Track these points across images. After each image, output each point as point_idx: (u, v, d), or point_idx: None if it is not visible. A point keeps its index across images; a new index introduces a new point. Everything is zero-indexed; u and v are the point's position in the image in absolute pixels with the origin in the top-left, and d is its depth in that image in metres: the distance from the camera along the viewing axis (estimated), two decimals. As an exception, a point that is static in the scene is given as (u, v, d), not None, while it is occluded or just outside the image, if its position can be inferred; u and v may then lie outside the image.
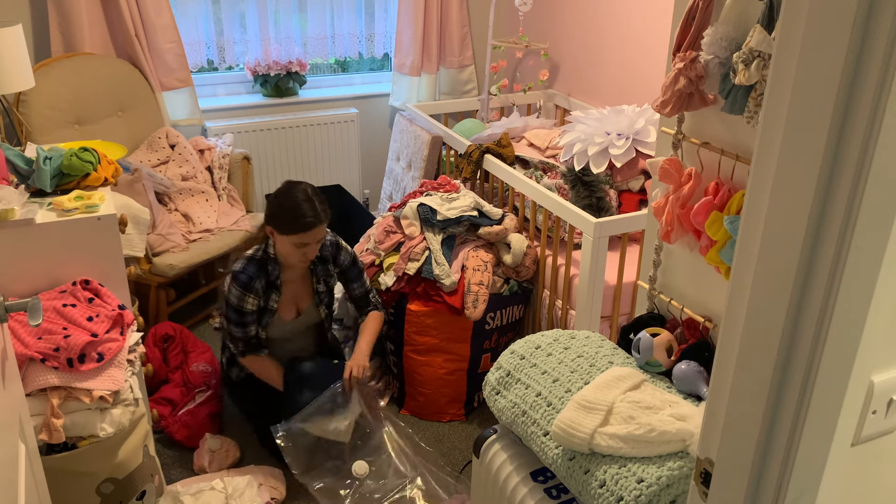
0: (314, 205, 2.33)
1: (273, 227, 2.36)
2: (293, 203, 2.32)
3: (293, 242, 2.33)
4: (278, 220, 2.34)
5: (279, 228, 2.34)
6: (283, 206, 2.34)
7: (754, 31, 1.34)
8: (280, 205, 2.34)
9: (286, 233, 2.32)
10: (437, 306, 2.69)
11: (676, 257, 1.77)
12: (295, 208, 2.31)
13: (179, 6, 3.56)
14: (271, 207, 2.37)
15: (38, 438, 1.70)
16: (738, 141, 1.54)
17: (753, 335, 0.90)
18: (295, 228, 2.31)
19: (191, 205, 3.23)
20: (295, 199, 2.32)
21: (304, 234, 2.32)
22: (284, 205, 2.33)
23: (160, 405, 2.68)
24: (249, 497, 2.26)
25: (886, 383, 0.90)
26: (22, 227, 1.93)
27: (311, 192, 2.36)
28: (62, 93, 3.10)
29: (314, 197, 2.35)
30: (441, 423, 2.82)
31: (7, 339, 1.35)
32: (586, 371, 1.69)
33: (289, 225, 2.31)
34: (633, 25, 3.40)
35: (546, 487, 1.67)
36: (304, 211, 2.31)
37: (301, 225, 2.30)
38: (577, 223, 2.55)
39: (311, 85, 4.06)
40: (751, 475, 0.93)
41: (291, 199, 2.33)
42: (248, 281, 2.38)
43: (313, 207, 2.32)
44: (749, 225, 0.89)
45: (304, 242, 2.34)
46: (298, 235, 2.32)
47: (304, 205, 2.31)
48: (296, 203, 2.31)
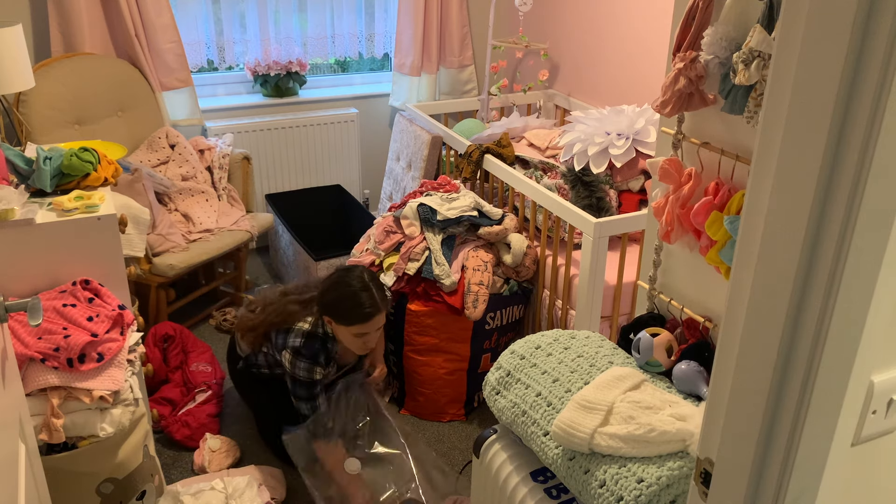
0: (372, 294, 2.29)
1: (331, 317, 2.31)
2: (351, 294, 2.27)
3: (353, 333, 2.30)
4: (336, 312, 2.30)
5: (338, 320, 2.30)
6: (339, 297, 2.29)
7: (754, 31, 1.34)
8: (337, 296, 2.30)
9: (345, 324, 2.29)
10: (437, 306, 2.69)
11: (676, 257, 1.77)
12: (353, 300, 2.27)
13: (179, 6, 3.56)
14: (328, 298, 2.32)
15: (38, 438, 1.70)
16: (738, 141, 1.54)
17: (753, 335, 0.90)
18: (355, 320, 2.28)
19: (191, 205, 3.23)
20: (352, 290, 2.28)
21: (365, 325, 2.29)
22: (341, 296, 2.29)
23: (160, 405, 2.68)
24: (249, 497, 2.26)
25: (886, 383, 0.90)
26: (22, 227, 1.93)
27: (367, 280, 2.31)
28: (62, 93, 3.10)
29: (371, 284, 2.31)
30: (441, 423, 2.82)
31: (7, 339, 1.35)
32: (586, 371, 1.69)
33: (347, 317, 2.28)
34: (633, 25, 3.40)
35: (546, 487, 1.67)
36: (363, 302, 2.27)
37: (361, 316, 2.27)
38: (577, 223, 2.55)
39: (311, 85, 4.06)
40: (751, 475, 0.93)
41: (349, 290, 2.28)
42: (314, 356, 2.33)
43: (371, 297, 2.28)
44: (749, 225, 0.89)
45: (364, 332, 2.31)
46: (358, 327, 2.29)
47: (361, 295, 2.27)
48: (354, 294, 2.27)
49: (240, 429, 2.71)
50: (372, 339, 2.36)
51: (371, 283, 2.31)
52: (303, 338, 2.34)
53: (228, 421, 2.76)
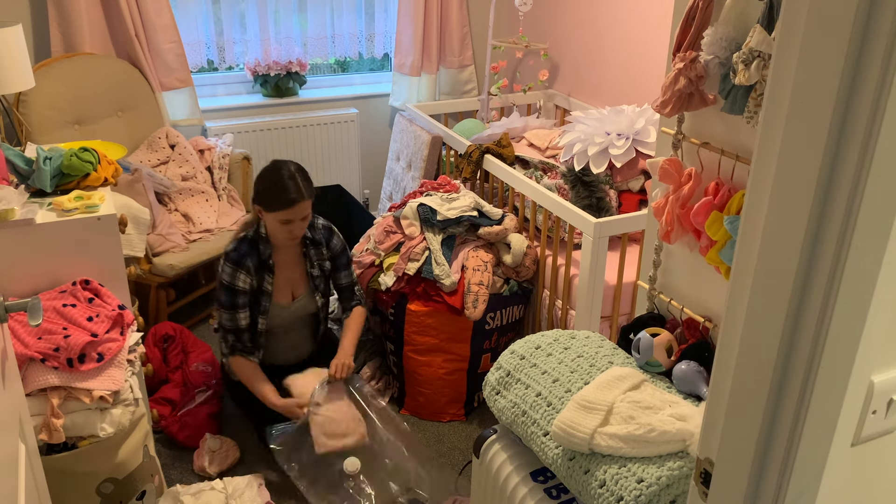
0: (297, 182, 2.37)
1: (260, 204, 2.40)
2: (278, 180, 2.37)
3: (279, 219, 2.38)
4: (264, 198, 2.38)
5: (265, 206, 2.38)
6: (268, 184, 2.38)
7: (754, 31, 1.34)
8: (266, 183, 2.40)
9: (272, 210, 2.37)
10: (437, 306, 2.69)
11: (676, 257, 1.77)
12: (280, 185, 2.35)
13: (179, 6, 3.56)
14: (257, 185, 2.42)
15: (38, 438, 1.70)
16: (738, 141, 1.54)
17: (753, 335, 0.90)
18: (280, 205, 2.35)
19: (191, 205, 3.23)
20: (280, 177, 2.37)
21: (289, 211, 2.36)
22: (270, 183, 2.38)
23: (160, 405, 2.68)
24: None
25: (886, 383, 0.90)
26: (22, 227, 1.93)
27: (294, 170, 2.40)
28: (62, 93, 3.10)
29: (297, 174, 2.39)
30: (441, 423, 2.82)
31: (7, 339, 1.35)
32: (586, 371, 1.69)
33: (274, 202, 2.36)
34: (633, 25, 3.40)
35: (546, 487, 1.67)
36: (288, 187, 2.35)
37: (286, 201, 2.35)
38: (577, 223, 2.55)
39: (311, 85, 4.06)
40: (751, 475, 0.93)
41: (276, 177, 2.38)
42: (239, 258, 2.42)
43: (297, 184, 2.37)
44: (749, 225, 0.89)
45: (289, 219, 2.38)
46: (284, 212, 2.36)
47: (288, 182, 2.36)
48: (281, 180, 2.36)
49: (240, 429, 2.71)
50: (298, 227, 2.42)
51: (298, 174, 2.39)
52: (235, 242, 2.46)
53: (228, 421, 2.76)
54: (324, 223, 2.63)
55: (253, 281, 2.46)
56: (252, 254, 2.45)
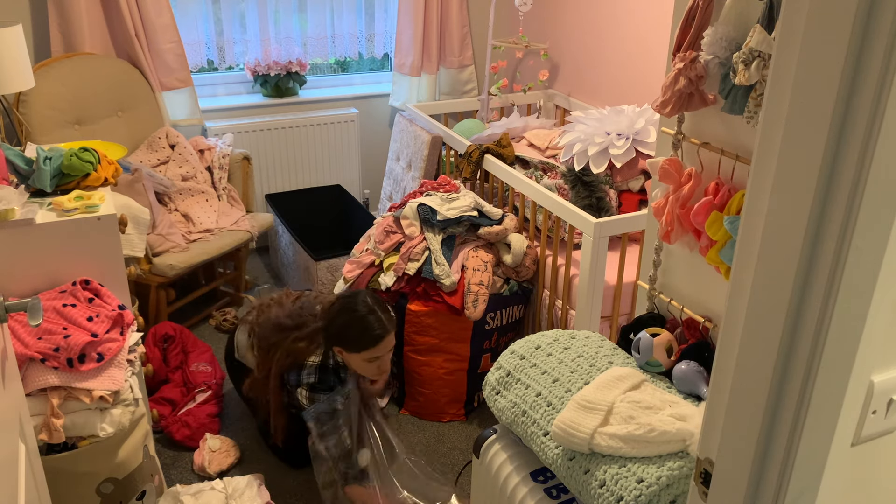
0: (379, 316, 2.26)
1: (341, 347, 2.28)
2: (358, 320, 2.25)
3: (365, 359, 2.27)
4: (346, 340, 2.27)
5: (348, 348, 2.27)
6: (346, 325, 2.26)
7: (754, 31, 1.34)
8: (343, 323, 2.27)
9: (356, 351, 2.26)
10: (437, 306, 2.69)
11: (676, 257, 1.77)
12: (361, 325, 2.24)
13: (179, 6, 3.56)
14: (335, 327, 2.28)
15: (38, 438, 1.70)
16: (738, 141, 1.54)
17: (753, 335, 0.90)
18: (365, 345, 2.24)
19: (191, 205, 3.23)
20: (358, 315, 2.25)
21: (376, 349, 2.26)
22: (347, 323, 2.26)
23: (160, 405, 2.68)
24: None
25: (886, 383, 0.90)
26: (22, 227, 1.93)
27: (372, 303, 2.28)
28: (62, 93, 3.10)
29: (376, 307, 2.28)
30: (441, 423, 2.82)
31: (7, 339, 1.35)
32: (586, 371, 1.69)
33: (357, 343, 2.25)
34: (633, 25, 3.40)
35: (546, 487, 1.67)
36: (371, 326, 2.24)
37: (371, 340, 2.24)
38: (577, 223, 2.55)
39: (311, 85, 4.06)
40: (751, 475, 0.93)
41: (355, 316, 2.26)
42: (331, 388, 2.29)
43: (379, 319, 2.25)
44: (749, 225, 0.89)
45: (376, 356, 2.28)
46: (369, 351, 2.25)
47: (369, 318, 2.24)
48: (361, 319, 2.24)
49: (240, 429, 2.71)
50: (385, 362, 2.32)
51: (376, 306, 2.28)
52: (316, 373, 2.30)
53: (228, 421, 2.76)
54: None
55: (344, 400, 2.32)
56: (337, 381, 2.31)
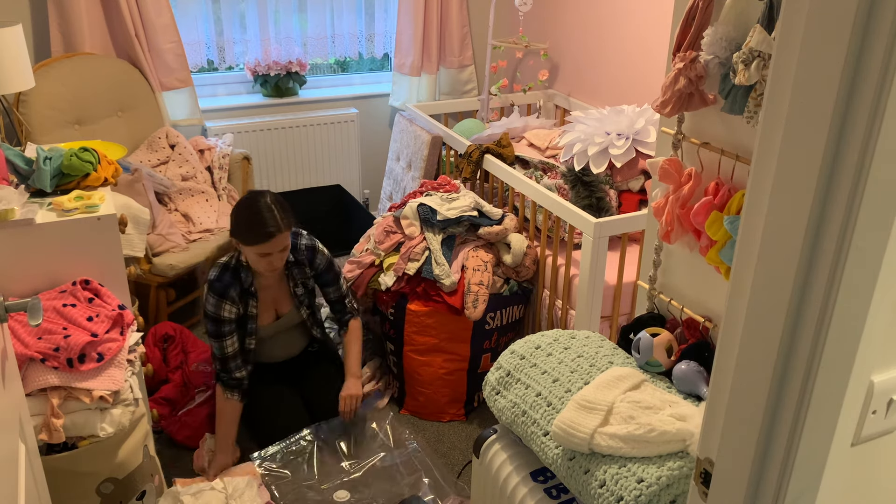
0: (274, 214, 2.31)
1: (237, 237, 2.35)
2: (254, 214, 2.31)
3: (257, 253, 2.33)
4: (240, 232, 2.33)
5: (242, 240, 2.33)
6: (244, 218, 2.33)
7: (754, 31, 1.34)
8: (242, 216, 2.34)
9: (249, 244, 2.32)
10: (437, 306, 2.69)
11: (676, 257, 1.77)
12: (256, 219, 2.30)
13: (179, 6, 3.56)
14: (233, 218, 2.36)
15: (38, 438, 1.70)
16: (738, 141, 1.54)
17: (753, 335, 0.90)
18: (256, 239, 2.30)
19: (191, 205, 3.23)
20: (256, 210, 2.31)
21: (266, 245, 2.31)
22: (246, 216, 2.33)
23: (160, 405, 2.68)
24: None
25: (886, 383, 0.90)
26: (22, 227, 1.93)
27: (271, 201, 2.34)
28: (62, 93, 3.10)
29: (275, 206, 2.33)
30: (441, 423, 2.82)
31: (7, 339, 1.35)
32: (586, 371, 1.69)
33: (250, 236, 2.30)
34: (634, 25, 3.40)
35: (546, 487, 1.67)
36: (265, 220, 2.29)
37: (262, 235, 2.29)
38: (577, 223, 2.55)
39: (311, 85, 4.06)
40: (751, 475, 0.93)
41: (252, 210, 2.32)
42: (223, 289, 2.37)
43: (274, 217, 2.31)
44: (749, 225, 0.89)
45: (267, 252, 2.33)
46: (260, 246, 2.31)
47: (265, 214, 2.30)
48: (257, 213, 2.30)
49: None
50: (277, 259, 2.37)
51: (273, 205, 2.33)
52: (218, 270, 2.40)
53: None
54: (306, 243, 2.56)
55: (238, 309, 2.42)
56: (234, 283, 2.39)
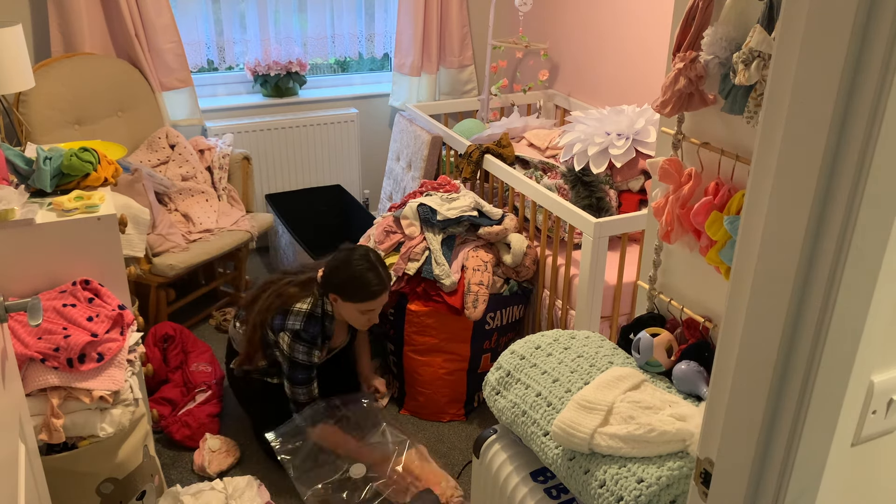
0: (379, 272, 2.38)
1: (338, 295, 2.38)
2: (358, 273, 2.36)
3: (360, 310, 2.39)
4: (343, 290, 2.37)
5: (344, 297, 2.37)
6: (347, 277, 2.36)
7: (754, 31, 1.34)
8: (344, 275, 2.37)
9: (353, 301, 2.37)
10: (437, 306, 2.69)
11: (676, 257, 1.77)
12: (361, 279, 2.35)
13: (179, 6, 3.56)
14: (334, 277, 2.38)
15: (38, 438, 1.70)
16: (738, 141, 1.54)
17: (753, 335, 0.90)
18: (363, 298, 2.36)
19: (191, 205, 3.23)
20: (359, 269, 2.36)
21: (372, 303, 2.38)
22: (349, 275, 2.36)
23: (160, 405, 2.68)
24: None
25: (886, 383, 0.90)
26: (22, 227, 1.93)
27: (373, 259, 2.39)
28: (62, 93, 3.10)
29: (377, 264, 2.39)
30: (441, 423, 2.82)
31: (7, 339, 1.35)
32: (586, 371, 1.69)
33: (356, 295, 2.36)
34: (634, 25, 3.40)
35: (546, 487, 1.67)
36: (370, 281, 2.35)
37: (369, 294, 2.36)
38: (577, 223, 2.55)
39: (311, 85, 4.06)
40: (751, 475, 0.93)
41: (356, 270, 2.36)
42: (312, 339, 2.39)
43: (378, 276, 2.37)
44: (749, 225, 0.89)
45: (370, 309, 2.40)
46: (366, 304, 2.37)
47: (369, 274, 2.36)
48: (361, 273, 2.36)
49: (240, 429, 2.71)
50: (376, 315, 2.45)
51: (378, 263, 2.40)
52: (303, 319, 2.38)
53: (228, 421, 2.76)
54: None
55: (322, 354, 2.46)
56: (321, 332, 2.42)
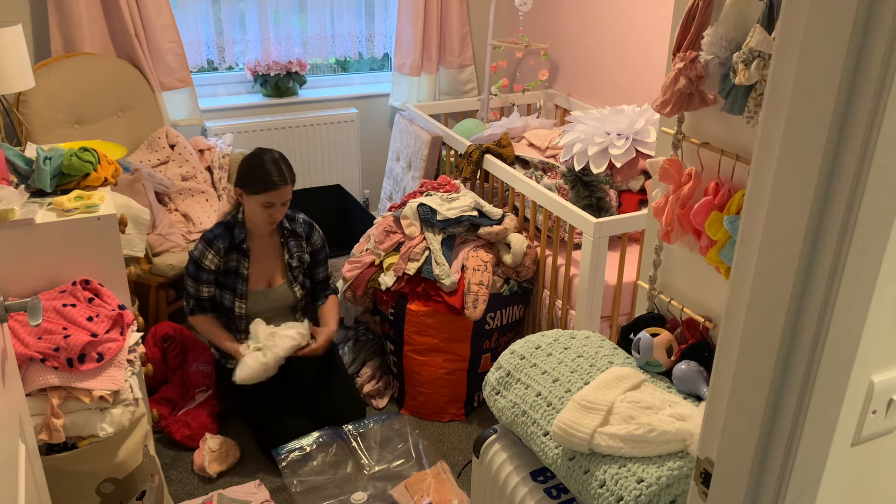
0: (280, 167, 2.46)
1: (241, 187, 2.48)
2: (261, 165, 2.45)
3: (260, 202, 2.45)
4: (246, 181, 2.46)
5: (247, 188, 2.46)
6: (251, 168, 2.47)
7: (754, 31, 1.34)
8: (249, 167, 2.48)
9: (253, 192, 2.44)
10: (437, 306, 2.69)
11: (676, 257, 1.77)
12: (262, 169, 2.44)
13: (179, 6, 3.56)
14: (241, 169, 2.50)
15: (38, 438, 1.70)
16: (738, 141, 1.54)
17: (753, 335, 0.90)
18: (262, 188, 2.43)
19: (191, 205, 3.23)
20: (263, 162, 2.46)
21: (271, 194, 2.43)
22: (253, 166, 2.46)
23: (160, 405, 2.68)
24: None
25: (886, 383, 0.90)
26: (22, 227, 1.93)
27: (277, 157, 2.49)
28: (62, 93, 3.10)
29: (281, 161, 2.48)
30: (441, 423, 2.82)
31: (7, 339, 1.35)
32: (586, 371, 1.69)
33: (256, 185, 2.43)
34: (634, 25, 3.40)
35: (546, 487, 1.67)
36: (270, 171, 2.43)
37: (268, 184, 2.42)
38: (577, 223, 2.55)
39: (311, 85, 4.06)
40: (751, 475, 0.93)
41: (260, 162, 2.46)
42: (211, 238, 2.52)
43: (280, 169, 2.45)
44: (749, 225, 0.89)
45: (270, 202, 2.45)
46: (265, 195, 2.43)
47: (271, 166, 2.45)
48: (263, 165, 2.45)
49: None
50: (278, 211, 2.50)
51: (280, 160, 2.49)
52: (215, 225, 2.56)
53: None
54: (305, 218, 2.71)
55: (220, 262, 2.53)
56: (225, 236, 2.53)
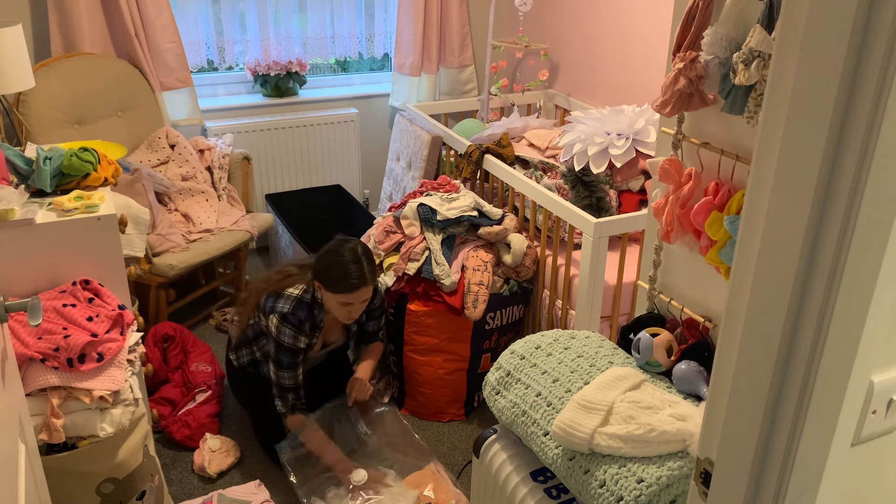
0: (362, 267, 2.35)
1: (320, 282, 2.38)
2: (341, 263, 2.34)
3: (338, 301, 2.36)
4: (326, 278, 2.35)
5: (325, 285, 2.36)
6: (330, 266, 2.35)
7: (754, 31, 1.34)
8: (328, 263, 2.36)
9: (332, 291, 2.35)
10: (437, 306, 2.69)
11: (676, 257, 1.77)
12: (343, 269, 2.33)
13: (179, 6, 3.56)
14: (320, 263, 2.38)
15: (38, 438, 1.70)
16: (738, 141, 1.54)
17: (753, 335, 0.90)
18: (341, 289, 2.33)
19: (191, 205, 3.23)
20: (344, 261, 2.34)
21: (350, 295, 2.34)
22: (333, 265, 2.35)
23: (160, 405, 2.68)
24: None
25: (886, 383, 0.90)
26: (22, 227, 1.93)
27: (360, 252, 2.37)
28: (62, 93, 3.10)
29: (363, 258, 2.37)
30: (441, 423, 2.82)
31: (7, 339, 1.35)
32: (586, 371, 1.69)
33: (336, 285, 2.33)
34: (634, 25, 3.40)
35: (546, 487, 1.67)
36: (350, 272, 2.33)
37: (347, 286, 2.33)
38: (577, 223, 2.55)
39: (311, 85, 4.06)
40: (751, 475, 0.93)
41: (341, 260, 2.34)
42: (299, 323, 2.38)
43: (360, 269, 2.34)
44: (749, 225, 0.89)
45: (349, 302, 2.36)
46: (344, 296, 2.34)
47: (351, 266, 2.33)
48: (345, 265, 2.33)
49: (240, 429, 2.71)
50: (356, 309, 2.41)
51: (363, 257, 2.37)
52: (292, 303, 2.39)
53: (228, 421, 2.76)
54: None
55: (310, 342, 2.44)
56: (309, 318, 2.41)
